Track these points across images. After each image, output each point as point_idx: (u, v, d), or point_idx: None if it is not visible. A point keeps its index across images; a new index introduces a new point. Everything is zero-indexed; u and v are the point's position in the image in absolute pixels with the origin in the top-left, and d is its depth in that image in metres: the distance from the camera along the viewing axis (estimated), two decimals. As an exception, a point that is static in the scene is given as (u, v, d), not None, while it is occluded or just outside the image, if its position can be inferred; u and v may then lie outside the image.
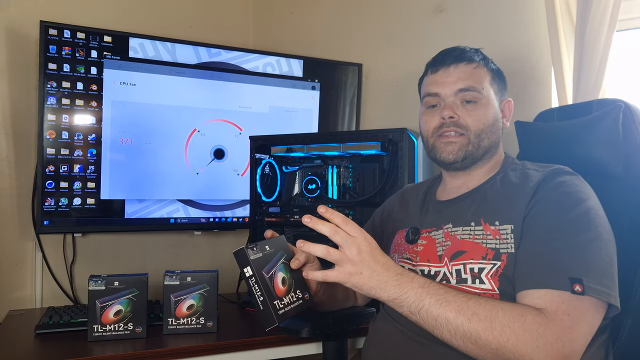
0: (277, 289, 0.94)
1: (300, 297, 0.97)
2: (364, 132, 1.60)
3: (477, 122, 1.04)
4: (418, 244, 1.07)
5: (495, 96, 1.08)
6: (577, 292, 0.82)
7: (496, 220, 0.97)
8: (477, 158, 1.06)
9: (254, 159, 1.62)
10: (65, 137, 1.66)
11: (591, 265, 0.86)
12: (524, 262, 0.90)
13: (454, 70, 1.07)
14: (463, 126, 1.04)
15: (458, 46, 1.10)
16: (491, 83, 1.08)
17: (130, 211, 1.78)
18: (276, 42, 2.23)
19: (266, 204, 1.64)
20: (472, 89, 1.05)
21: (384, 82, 2.02)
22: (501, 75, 1.12)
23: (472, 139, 1.04)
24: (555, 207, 0.92)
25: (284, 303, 0.94)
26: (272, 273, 0.94)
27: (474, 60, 1.07)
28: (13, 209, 1.71)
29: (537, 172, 1.01)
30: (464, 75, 1.06)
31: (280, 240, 1.00)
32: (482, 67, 1.08)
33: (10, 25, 1.71)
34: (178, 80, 1.83)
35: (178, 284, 1.28)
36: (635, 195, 1.04)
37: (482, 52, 1.11)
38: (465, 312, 0.85)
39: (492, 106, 1.07)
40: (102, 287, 1.22)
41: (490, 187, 1.04)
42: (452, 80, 1.06)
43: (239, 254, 0.93)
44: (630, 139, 1.08)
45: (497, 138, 1.08)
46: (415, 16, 1.91)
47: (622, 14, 1.40)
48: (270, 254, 0.96)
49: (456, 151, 1.05)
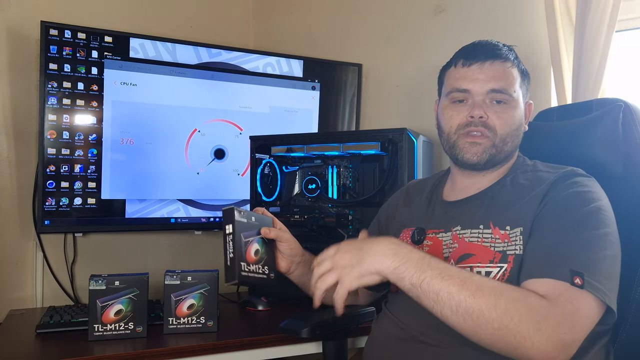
0: (248, 254, 1.05)
1: (265, 272, 1.09)
2: (364, 132, 1.60)
3: (504, 125, 1.01)
4: (424, 245, 1.06)
5: (522, 99, 1.05)
6: (577, 285, 0.81)
7: (507, 225, 0.96)
8: (498, 161, 1.04)
9: (254, 159, 1.62)
10: (66, 137, 1.67)
11: (594, 262, 0.85)
12: (529, 255, 0.90)
13: (489, 67, 1.01)
14: (491, 128, 1.01)
15: (491, 40, 1.06)
16: (521, 85, 1.05)
17: (131, 211, 1.79)
18: (276, 42, 2.23)
19: (266, 204, 1.64)
20: (504, 90, 1.01)
21: (384, 82, 2.02)
22: (529, 77, 1.09)
23: (497, 142, 1.01)
24: (564, 205, 0.91)
25: (250, 269, 1.05)
26: (249, 240, 1.05)
27: (508, 59, 1.03)
28: (14, 208, 1.72)
29: (548, 173, 1.00)
30: (498, 74, 1.01)
31: (267, 220, 1.12)
32: (515, 68, 1.04)
33: (11, 26, 1.71)
34: (178, 80, 1.84)
35: (179, 283, 1.28)
36: (635, 195, 1.05)
37: (514, 50, 1.07)
38: (468, 286, 0.81)
39: (520, 109, 1.04)
40: (103, 286, 1.23)
41: (500, 189, 1.03)
42: (485, 78, 1.01)
43: (227, 212, 1.03)
44: (630, 139, 1.08)
45: (519, 142, 1.06)
46: (415, 16, 1.91)
47: (621, 14, 1.40)
48: (254, 225, 1.07)
49: (480, 153, 1.01)
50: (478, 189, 1.06)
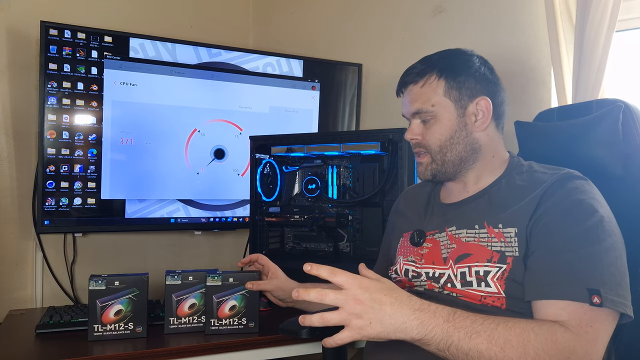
0: (220, 311, 1.26)
1: (242, 323, 1.28)
2: (364, 132, 1.60)
3: (434, 139, 1.05)
4: (423, 247, 1.07)
5: (453, 104, 1.03)
6: (596, 304, 0.83)
7: (499, 223, 0.97)
8: (449, 172, 1.06)
9: (254, 159, 1.62)
10: (66, 137, 1.67)
11: (607, 276, 0.86)
12: (540, 272, 0.89)
13: (407, 94, 1.08)
14: (424, 145, 1.06)
15: (413, 65, 1.08)
16: (446, 93, 1.03)
17: (131, 211, 1.79)
18: (276, 42, 2.23)
19: (266, 204, 1.64)
20: (420, 110, 1.05)
21: (384, 82, 2.02)
22: (466, 75, 1.04)
23: (434, 156, 1.06)
24: (569, 216, 0.91)
25: (221, 323, 1.27)
26: (222, 299, 1.26)
27: (418, 80, 1.06)
28: (14, 208, 1.72)
29: (544, 174, 1.00)
30: (413, 97, 1.06)
31: (249, 276, 1.28)
32: (431, 82, 1.04)
33: (10, 25, 1.71)
34: (178, 80, 1.84)
35: (179, 283, 1.28)
36: (635, 195, 1.05)
37: (437, 57, 1.07)
38: (497, 341, 0.81)
39: (448, 119, 1.04)
40: (103, 286, 1.22)
41: (496, 190, 1.04)
42: (408, 102, 1.08)
43: None
44: (630, 139, 1.08)
45: (467, 146, 1.04)
46: (415, 16, 1.91)
47: (621, 14, 1.40)
48: (231, 285, 1.26)
49: (424, 171, 1.08)
50: (473, 191, 1.07)
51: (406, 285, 1.08)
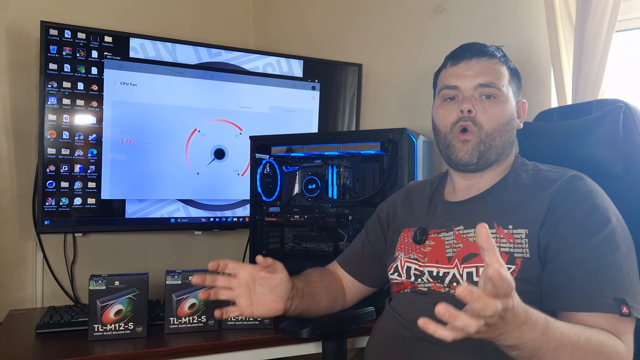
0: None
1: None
2: (363, 132, 1.60)
3: (491, 120, 1.02)
4: (426, 245, 1.06)
5: (512, 95, 1.06)
6: (625, 314, 0.84)
7: (510, 224, 0.96)
8: (490, 159, 1.04)
9: (254, 159, 1.62)
10: (66, 137, 1.67)
11: (628, 283, 0.87)
12: (565, 282, 0.89)
13: (475, 63, 1.04)
14: (477, 123, 1.02)
15: (478, 42, 1.08)
16: (510, 82, 1.06)
17: (131, 211, 1.79)
18: (276, 42, 2.23)
19: (266, 204, 1.64)
20: (492, 84, 1.03)
21: (383, 82, 2.02)
22: (518, 76, 1.10)
23: (483, 137, 1.02)
24: (587, 223, 0.91)
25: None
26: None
27: (495, 56, 1.06)
28: (14, 209, 1.72)
29: (550, 172, 1.00)
30: (485, 69, 1.04)
31: None
32: (503, 65, 1.06)
33: (11, 26, 1.71)
34: (178, 80, 1.84)
35: (180, 283, 1.28)
36: (635, 195, 1.05)
37: (502, 50, 1.10)
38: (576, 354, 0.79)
39: (510, 105, 1.05)
40: (103, 286, 1.23)
41: (503, 189, 1.03)
42: (472, 74, 1.03)
43: None
44: (630, 139, 1.08)
45: (510, 138, 1.06)
46: (415, 16, 1.91)
47: (621, 14, 1.40)
48: None
49: (470, 150, 1.02)
50: (479, 190, 1.06)
51: (408, 288, 1.07)
